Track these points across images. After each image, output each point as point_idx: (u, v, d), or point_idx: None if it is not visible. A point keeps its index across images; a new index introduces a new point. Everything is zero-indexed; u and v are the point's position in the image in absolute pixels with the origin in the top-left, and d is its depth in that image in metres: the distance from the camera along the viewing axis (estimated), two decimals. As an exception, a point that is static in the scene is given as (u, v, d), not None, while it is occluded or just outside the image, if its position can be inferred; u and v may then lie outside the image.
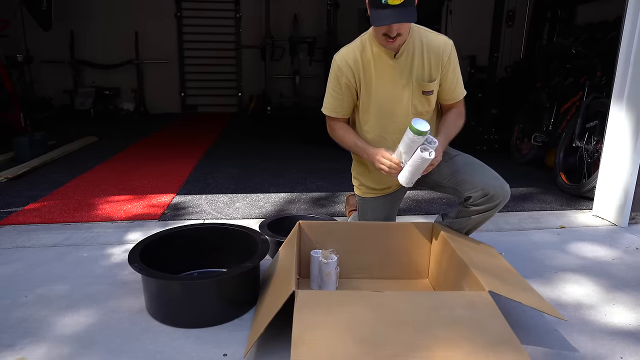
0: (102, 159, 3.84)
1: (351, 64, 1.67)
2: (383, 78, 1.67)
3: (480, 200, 1.66)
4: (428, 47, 1.65)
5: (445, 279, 1.62)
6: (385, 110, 1.71)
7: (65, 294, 1.66)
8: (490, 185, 1.64)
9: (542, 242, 2.21)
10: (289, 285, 1.29)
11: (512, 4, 4.41)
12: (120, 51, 6.72)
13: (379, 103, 1.70)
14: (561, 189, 3.03)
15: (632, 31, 2.28)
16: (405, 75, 1.66)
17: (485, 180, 1.66)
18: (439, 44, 1.66)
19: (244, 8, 6.95)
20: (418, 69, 1.66)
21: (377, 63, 1.66)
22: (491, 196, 1.64)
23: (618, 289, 1.76)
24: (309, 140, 4.48)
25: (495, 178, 1.67)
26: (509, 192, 1.67)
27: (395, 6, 1.42)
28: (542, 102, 3.63)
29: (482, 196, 1.65)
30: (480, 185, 1.65)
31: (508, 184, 1.68)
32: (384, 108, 1.71)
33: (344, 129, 1.78)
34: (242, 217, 2.49)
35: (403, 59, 1.65)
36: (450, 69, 1.69)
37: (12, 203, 2.66)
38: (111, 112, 6.53)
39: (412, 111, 1.71)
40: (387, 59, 1.65)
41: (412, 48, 1.64)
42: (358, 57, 1.67)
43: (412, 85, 1.67)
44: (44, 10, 5.41)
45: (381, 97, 1.70)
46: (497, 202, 1.66)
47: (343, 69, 1.68)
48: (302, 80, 6.97)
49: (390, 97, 1.69)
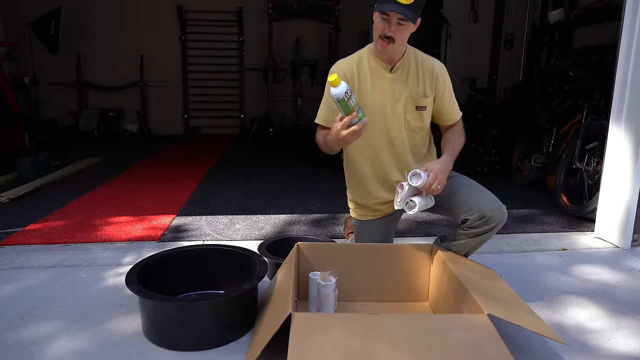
0: (104, 179, 3.86)
1: (347, 72, 1.72)
2: (378, 90, 1.72)
3: (477, 223, 1.66)
4: (423, 65, 1.72)
5: (444, 302, 1.60)
6: (378, 122, 1.73)
7: (62, 315, 1.65)
8: (486, 207, 1.64)
9: (544, 265, 2.19)
10: (286, 308, 1.27)
11: (510, 28, 4.49)
12: (125, 73, 6.83)
13: (373, 115, 1.69)
14: (562, 210, 3.02)
15: (628, 54, 2.31)
16: (400, 89, 1.71)
17: (482, 202, 1.66)
18: (433, 65, 1.74)
19: (247, 32, 7.09)
20: (412, 85, 1.71)
21: (373, 75, 1.71)
22: (488, 218, 1.64)
23: (622, 313, 1.73)
24: (310, 162, 4.50)
25: (491, 200, 1.67)
26: (505, 214, 1.67)
27: (401, 4, 1.51)
28: (542, 124, 3.65)
29: (479, 219, 1.65)
30: (477, 207, 1.65)
31: (505, 206, 1.68)
32: (377, 121, 1.72)
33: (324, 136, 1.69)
34: (242, 239, 2.48)
35: (399, 74, 1.70)
36: (446, 91, 1.75)
37: (12, 223, 2.67)
38: (115, 133, 6.60)
39: (404, 126, 1.74)
40: (384, 72, 1.70)
41: (408, 65, 1.71)
42: (354, 67, 1.72)
43: (406, 99, 1.71)
44: (51, 34, 5.54)
45: (375, 109, 1.72)
46: (494, 225, 1.65)
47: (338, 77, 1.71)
48: (304, 102, 7.04)
49: (383, 110, 1.73)
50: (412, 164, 1.79)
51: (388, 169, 1.80)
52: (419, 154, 1.82)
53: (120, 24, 6.76)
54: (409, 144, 1.78)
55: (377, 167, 1.81)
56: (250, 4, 6.94)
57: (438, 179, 1.56)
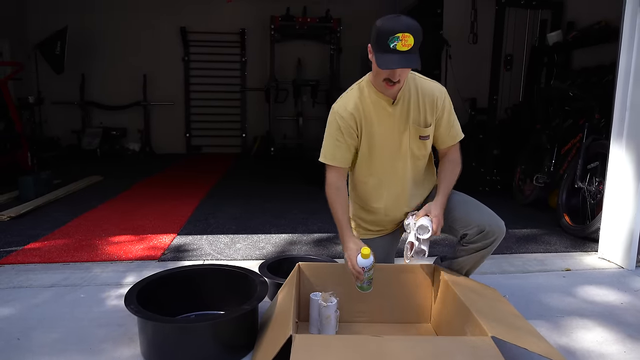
0: (106, 198, 3.86)
1: (352, 110, 1.67)
2: (383, 124, 1.69)
3: (475, 238, 1.66)
4: (423, 93, 1.69)
5: (447, 324, 1.57)
6: (385, 156, 1.72)
7: (60, 336, 1.63)
8: (485, 222, 1.65)
9: (548, 285, 2.17)
10: (286, 329, 1.25)
11: (509, 49, 4.54)
12: (129, 93, 6.91)
13: (380, 149, 1.71)
14: (565, 230, 3.00)
15: (627, 75, 2.33)
16: (403, 121, 1.69)
17: (480, 217, 1.67)
18: (433, 90, 1.70)
19: (249, 52, 7.19)
20: (414, 115, 1.69)
21: (376, 110, 1.68)
22: (486, 233, 1.64)
23: (629, 335, 1.70)
24: (312, 181, 4.49)
25: (490, 215, 1.68)
26: (504, 229, 1.67)
27: (403, 52, 1.47)
28: (543, 144, 3.66)
29: (478, 233, 1.65)
30: (475, 222, 1.65)
31: (503, 222, 1.68)
32: (384, 155, 1.72)
33: (337, 190, 1.71)
34: (243, 258, 2.47)
35: (400, 106, 1.68)
36: (444, 115, 1.72)
37: (12, 242, 2.66)
38: (117, 152, 6.64)
39: (409, 155, 1.73)
40: (386, 105, 1.67)
41: (408, 94, 1.68)
42: (358, 103, 1.68)
43: (410, 130, 1.70)
44: (57, 55, 5.63)
45: (382, 143, 1.71)
46: (493, 239, 1.65)
47: (345, 116, 1.68)
48: (306, 122, 7.09)
49: (390, 143, 1.71)
50: (411, 189, 1.79)
51: (392, 195, 1.80)
52: (419, 178, 1.82)
53: (125, 44, 6.87)
54: (413, 171, 1.77)
55: (380, 194, 1.80)
56: (253, 25, 7.06)
57: (440, 224, 1.63)
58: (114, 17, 6.78)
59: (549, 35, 4.24)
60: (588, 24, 3.85)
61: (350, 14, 6.77)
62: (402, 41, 1.45)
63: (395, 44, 1.45)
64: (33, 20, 6.52)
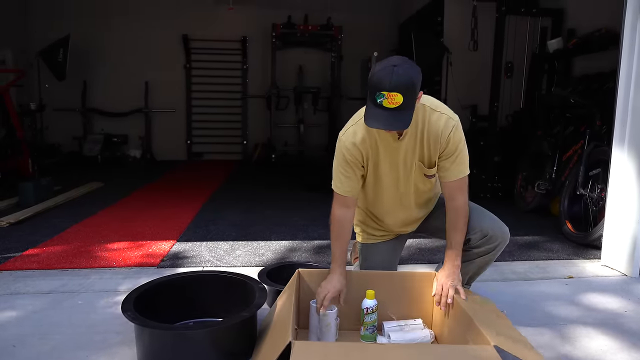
0: (106, 204, 3.85)
1: (358, 144, 1.61)
2: (389, 158, 1.64)
3: (479, 242, 1.65)
4: (428, 131, 1.59)
5: (449, 332, 1.55)
6: (390, 190, 1.71)
7: (57, 344, 1.61)
8: (488, 226, 1.64)
9: (550, 293, 2.14)
10: (285, 336, 1.24)
11: (510, 56, 4.54)
12: (130, 100, 6.92)
13: (385, 182, 1.69)
14: (567, 237, 2.98)
15: (628, 81, 2.33)
16: (409, 157, 1.63)
17: (483, 222, 1.66)
18: (438, 128, 1.59)
19: (250, 60, 7.22)
20: (419, 152, 1.62)
21: (382, 142, 1.62)
22: (490, 237, 1.64)
23: (632, 344, 1.68)
24: (312, 188, 4.48)
25: (493, 220, 1.67)
26: (508, 235, 1.66)
27: (390, 109, 1.38)
28: (544, 151, 3.65)
29: (481, 237, 1.64)
30: (479, 227, 1.65)
31: (507, 227, 1.67)
32: (390, 188, 1.70)
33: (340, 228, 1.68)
34: (242, 265, 2.45)
35: (406, 141, 1.60)
36: (446, 149, 1.61)
37: (11, 248, 2.65)
38: (118, 158, 6.65)
39: (413, 190, 1.71)
40: (392, 140, 1.60)
41: (415, 129, 1.59)
42: (365, 135, 1.61)
43: (415, 167, 1.65)
44: (59, 62, 5.65)
45: (387, 176, 1.68)
46: (497, 244, 1.64)
47: (350, 148, 1.62)
48: (307, 129, 7.10)
49: (395, 177, 1.67)
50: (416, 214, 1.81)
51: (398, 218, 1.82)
52: (423, 202, 1.81)
53: (126, 51, 6.90)
54: (417, 201, 1.76)
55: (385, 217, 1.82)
56: (254, 33, 7.09)
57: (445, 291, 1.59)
58: (116, 24, 6.81)
59: (550, 42, 4.25)
60: (588, 31, 3.85)
61: (352, 22, 6.80)
62: (389, 99, 1.37)
63: (381, 100, 1.38)
64: (35, 28, 6.56)
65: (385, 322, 1.65)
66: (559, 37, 4.22)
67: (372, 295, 1.60)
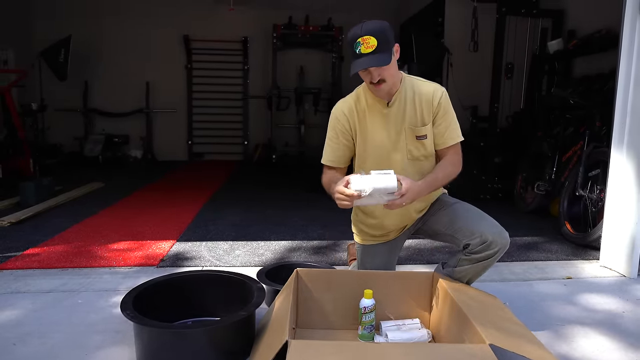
0: (106, 204, 3.86)
1: (346, 112, 1.75)
2: (377, 126, 1.72)
3: (479, 248, 1.64)
4: (419, 94, 1.71)
5: (446, 331, 1.56)
6: (382, 157, 1.74)
7: (56, 342, 1.62)
8: (488, 232, 1.63)
9: (549, 293, 2.14)
10: (282, 335, 1.24)
11: (510, 57, 4.54)
12: (131, 100, 6.95)
13: (376, 150, 1.74)
14: (567, 238, 2.98)
15: (627, 82, 2.33)
16: (399, 122, 1.71)
17: (484, 227, 1.65)
18: (429, 90, 1.71)
19: (251, 60, 7.23)
20: (410, 116, 1.71)
21: (371, 112, 1.73)
22: (489, 243, 1.62)
23: (630, 345, 1.68)
24: (312, 189, 4.49)
25: (493, 225, 1.66)
26: (508, 240, 1.65)
27: (368, 54, 1.53)
28: (544, 151, 3.65)
29: (481, 243, 1.63)
30: (479, 232, 1.64)
31: (507, 232, 1.66)
32: (381, 155, 1.74)
33: (329, 178, 1.75)
34: (241, 265, 2.46)
35: (395, 107, 1.70)
36: (439, 114, 1.71)
37: (12, 247, 2.66)
38: (119, 159, 6.66)
39: (407, 156, 1.73)
40: (381, 107, 1.71)
41: (404, 96, 1.71)
42: (353, 106, 1.75)
43: (405, 131, 1.71)
44: (61, 62, 5.67)
45: (377, 144, 1.73)
46: (497, 250, 1.63)
47: (339, 117, 1.76)
48: (307, 130, 7.10)
49: (385, 144, 1.73)
50: None
51: None
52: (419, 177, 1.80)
53: (128, 52, 6.92)
54: (417, 174, 1.74)
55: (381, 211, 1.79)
56: (255, 34, 7.11)
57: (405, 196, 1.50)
58: (118, 25, 6.84)
59: (550, 43, 4.25)
60: (589, 32, 3.86)
61: (352, 23, 6.54)
62: (364, 45, 1.52)
63: (359, 48, 1.54)
64: (37, 28, 6.58)
65: (383, 321, 1.66)
66: (559, 38, 4.22)
67: (370, 294, 1.60)
